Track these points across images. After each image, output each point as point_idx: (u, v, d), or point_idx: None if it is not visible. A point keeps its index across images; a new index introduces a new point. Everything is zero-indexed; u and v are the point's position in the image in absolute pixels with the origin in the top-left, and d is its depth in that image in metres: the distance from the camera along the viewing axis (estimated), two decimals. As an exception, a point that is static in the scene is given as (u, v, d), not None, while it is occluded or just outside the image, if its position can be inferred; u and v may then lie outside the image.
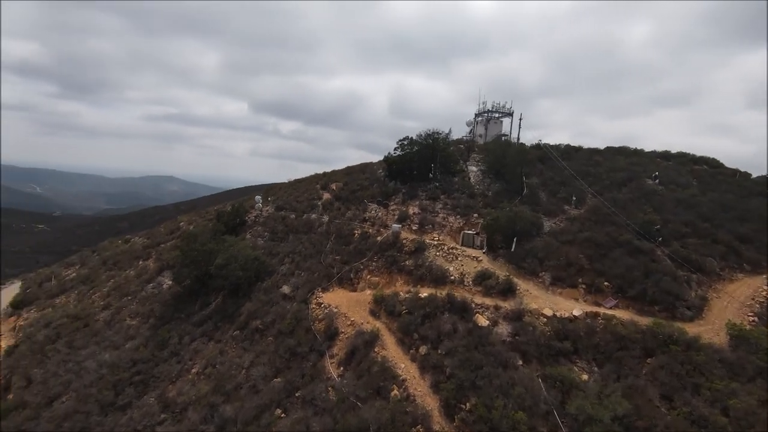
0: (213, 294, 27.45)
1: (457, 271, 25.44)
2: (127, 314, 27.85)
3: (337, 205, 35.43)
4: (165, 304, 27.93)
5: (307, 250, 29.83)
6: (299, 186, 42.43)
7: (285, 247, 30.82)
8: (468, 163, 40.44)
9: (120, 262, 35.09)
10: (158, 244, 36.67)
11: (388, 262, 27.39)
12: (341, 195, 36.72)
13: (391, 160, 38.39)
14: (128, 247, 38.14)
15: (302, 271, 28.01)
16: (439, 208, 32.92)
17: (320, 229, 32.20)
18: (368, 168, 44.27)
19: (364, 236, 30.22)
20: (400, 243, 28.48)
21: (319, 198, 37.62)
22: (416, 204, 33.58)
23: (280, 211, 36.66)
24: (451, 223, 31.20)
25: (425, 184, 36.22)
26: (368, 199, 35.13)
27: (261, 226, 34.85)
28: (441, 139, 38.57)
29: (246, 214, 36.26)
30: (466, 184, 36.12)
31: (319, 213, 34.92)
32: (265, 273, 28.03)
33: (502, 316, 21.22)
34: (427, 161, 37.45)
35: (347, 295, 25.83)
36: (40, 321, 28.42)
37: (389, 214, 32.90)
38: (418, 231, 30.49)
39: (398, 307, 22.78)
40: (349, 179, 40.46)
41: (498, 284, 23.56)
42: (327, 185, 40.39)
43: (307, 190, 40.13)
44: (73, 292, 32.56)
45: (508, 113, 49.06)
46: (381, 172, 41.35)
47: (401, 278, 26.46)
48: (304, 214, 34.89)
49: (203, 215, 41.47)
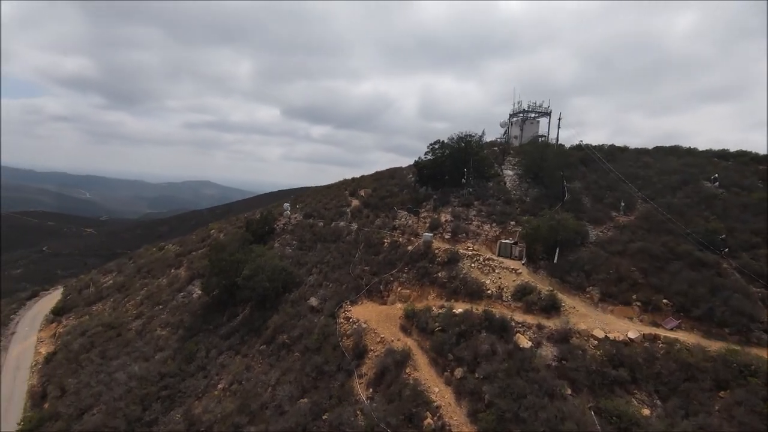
0: (241, 305, 27.01)
1: (495, 285, 23.65)
2: (157, 324, 27.89)
3: (365, 212, 34.37)
4: (194, 314, 27.76)
5: (335, 260, 28.90)
6: (327, 192, 41.77)
7: (313, 256, 30.03)
8: (503, 167, 38.35)
9: (153, 270, 35.55)
10: (190, 251, 36.94)
11: (419, 274, 25.96)
12: (370, 202, 35.64)
13: (422, 164, 36.96)
14: (161, 255, 38.70)
15: (330, 282, 27.07)
16: (473, 216, 31.15)
17: (349, 238, 31.21)
18: (398, 173, 43.03)
19: (394, 246, 28.94)
20: (431, 253, 27.00)
21: (348, 205, 36.71)
22: (448, 211, 31.95)
23: (308, 218, 36.04)
24: (486, 232, 29.37)
25: (458, 190, 34.52)
26: (398, 206, 33.85)
27: (289, 234, 34.32)
28: (474, 142, 36.77)
29: (274, 221, 35.89)
30: (501, 189, 34.12)
31: (348, 221, 33.97)
32: (292, 284, 27.31)
33: (546, 337, 19.32)
34: (459, 165, 35.75)
35: (377, 308, 24.62)
36: (77, 329, 28.99)
37: (420, 222, 31.46)
38: (450, 240, 28.87)
39: (431, 324, 21.33)
40: (378, 185, 39.35)
41: (540, 300, 21.61)
42: (356, 191, 39.47)
43: (336, 196, 39.36)
44: (109, 300, 33.21)
45: (545, 113, 46.42)
46: (411, 178, 39.98)
47: (434, 291, 24.97)
48: (333, 222, 34.05)
49: (233, 222, 41.59)
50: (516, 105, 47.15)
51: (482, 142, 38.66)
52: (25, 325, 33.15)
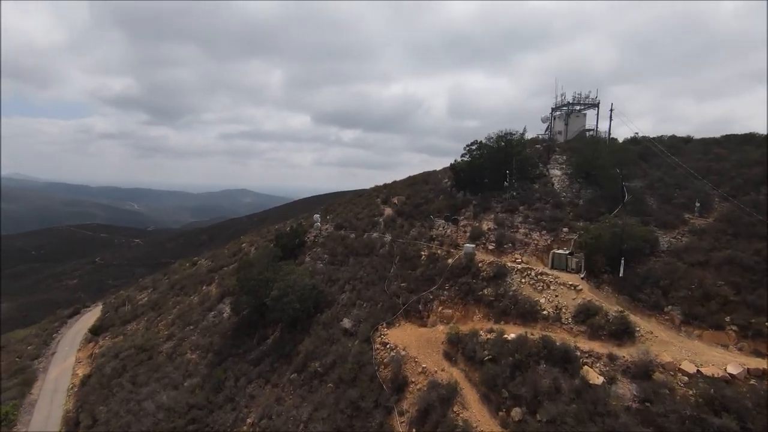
0: (271, 326, 25.48)
1: (551, 304, 20.66)
2: (188, 346, 26.90)
3: (399, 221, 32.07)
4: (224, 335, 26.54)
5: (368, 275, 26.79)
6: (359, 201, 39.84)
7: (345, 272, 28.09)
8: (549, 167, 34.89)
9: (186, 287, 34.98)
10: (221, 267, 36.13)
11: (462, 291, 23.34)
12: (404, 210, 33.31)
13: (459, 167, 34.22)
14: (194, 271, 38.21)
15: (364, 301, 24.98)
16: (518, 223, 28.11)
17: (382, 251, 29.02)
18: (432, 177, 40.47)
19: (432, 259, 26.45)
20: (475, 267, 24.30)
21: (380, 214, 34.57)
22: (491, 218, 29.07)
23: (339, 229, 34.22)
24: (535, 241, 26.28)
25: (500, 194, 31.53)
26: (434, 215, 31.32)
27: (320, 247, 32.62)
28: (515, 140, 33.62)
29: (305, 234, 34.34)
30: (549, 191, 30.78)
31: (381, 231, 31.81)
32: (324, 303, 25.47)
33: (620, 370, 16.23)
34: (500, 167, 32.74)
35: (416, 331, 22.24)
36: (111, 350, 28.60)
37: (460, 232, 28.79)
38: (495, 251, 26.02)
39: (479, 352, 18.71)
40: (411, 191, 36.96)
41: (608, 323, 18.46)
42: (388, 199, 37.27)
43: (368, 205, 37.34)
44: (143, 319, 32.86)
45: (593, 104, 42.26)
46: (447, 182, 37.30)
47: (479, 311, 22.27)
48: (365, 233, 32.00)
49: (264, 235, 40.57)
50: (559, 98, 43.32)
51: (524, 139, 35.39)
52: (65, 344, 33.50)
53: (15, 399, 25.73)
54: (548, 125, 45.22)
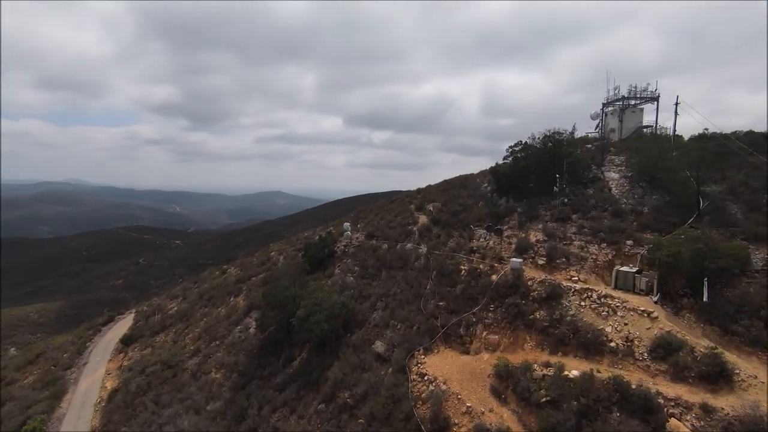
0: (297, 346, 23.66)
1: (619, 334, 17.51)
2: (213, 364, 25.62)
3: (435, 231, 29.48)
4: (249, 353, 25.03)
5: (403, 292, 24.44)
6: (391, 207, 37.55)
7: (377, 287, 25.87)
8: (604, 169, 31.18)
9: (214, 298, 34.02)
10: (249, 277, 34.94)
11: (509, 314, 20.52)
12: (440, 218, 30.68)
13: (500, 170, 31.22)
14: (223, 280, 37.31)
15: (398, 321, 22.63)
16: (572, 234, 24.86)
17: (418, 264, 26.57)
18: (470, 181, 37.56)
19: (474, 274, 23.72)
20: (523, 285, 21.40)
21: (415, 222, 32.10)
22: (539, 228, 25.98)
23: (371, 239, 32.05)
24: (593, 255, 22.99)
25: (548, 200, 28.31)
26: (474, 223, 28.53)
27: (350, 258, 30.59)
28: (565, 140, 30.25)
29: (335, 243, 32.45)
30: (606, 197, 27.24)
31: (416, 242, 29.34)
32: (354, 322, 23.37)
33: (721, 427, 13.02)
34: (548, 170, 29.51)
35: (457, 360, 19.63)
36: (138, 364, 27.88)
37: (504, 243, 25.87)
38: (546, 267, 22.97)
39: (535, 392, 15.92)
40: (448, 197, 34.24)
41: (697, 362, 15.20)
42: (423, 206, 34.75)
43: (401, 212, 34.98)
44: (171, 330, 32.14)
45: (651, 98, 37.88)
46: (486, 187, 34.35)
47: (531, 338, 19.38)
48: (398, 244, 29.64)
49: (293, 243, 39.16)
50: (612, 92, 39.25)
51: (574, 139, 31.90)
52: (97, 354, 33.43)
53: (44, 413, 25.43)
54: (599, 122, 41.18)
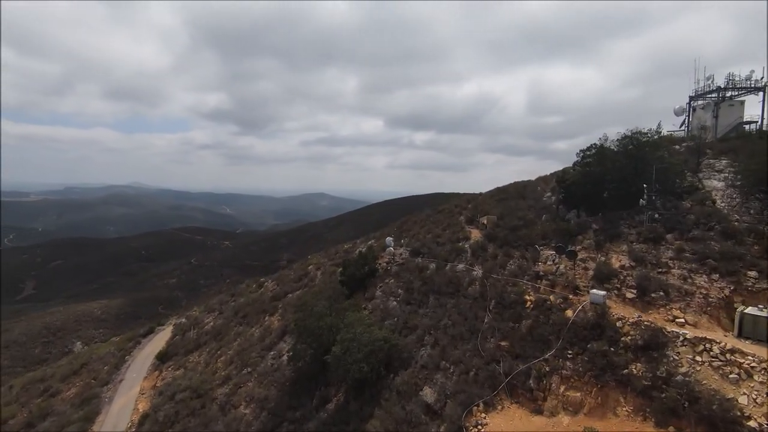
0: (333, 384, 20.74)
1: (761, 409, 12.85)
2: (243, 395, 23.36)
3: (492, 250, 25.50)
4: (281, 387, 22.49)
5: (455, 325, 20.78)
6: (438, 219, 33.85)
7: (425, 316, 22.40)
8: (701, 176, 25.66)
9: (249, 315, 32.13)
10: (285, 294, 32.71)
11: (595, 365, 16.28)
12: (497, 234, 26.63)
13: (569, 179, 26.65)
14: (259, 296, 35.45)
15: (451, 363, 19.03)
16: (669, 259, 19.99)
17: (472, 290, 22.79)
18: (529, 189, 33.04)
19: (543, 307, 19.60)
20: (610, 326, 17.06)
21: (466, 238, 28.26)
22: (623, 250, 21.32)
23: (416, 256, 28.61)
24: (702, 289, 18.07)
25: (631, 215, 23.49)
26: (539, 242, 24.27)
27: (394, 278, 27.32)
28: (651, 141, 25.17)
29: (376, 260, 29.34)
30: (711, 212, 21.95)
31: (468, 261, 25.53)
32: (398, 360, 20.07)
33: None
34: (630, 178, 24.60)
35: (528, 422, 15.73)
36: (169, 388, 26.35)
37: (578, 268, 21.46)
38: (638, 302, 18.39)
39: (644, 488, 11.81)
40: (504, 208, 30.03)
41: None
42: (474, 218, 30.80)
43: (449, 225, 31.22)
44: (205, 349, 30.59)
45: (757, 88, 31.38)
46: (550, 197, 29.80)
47: (626, 401, 15.08)
48: (448, 264, 25.98)
49: (332, 256, 36.59)
50: (702, 82, 33.09)
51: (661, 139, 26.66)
52: (134, 370, 32.70)
53: (75, 437, 24.53)
54: (684, 119, 35.07)
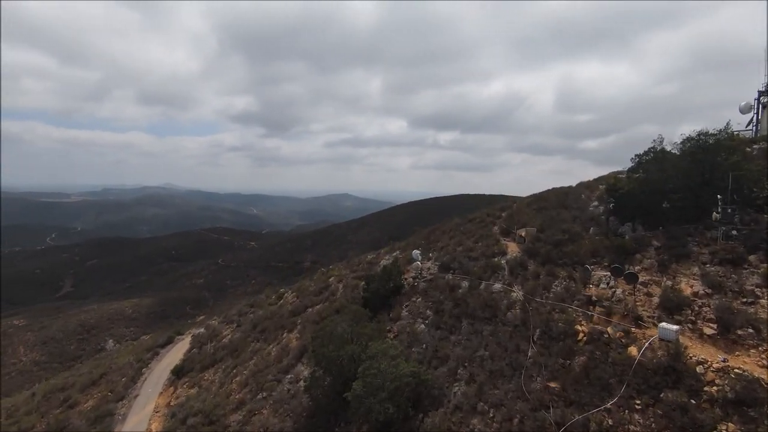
0: (354, 422, 18.46)
1: None
2: (257, 425, 21.45)
3: (532, 267, 22.59)
4: (298, 419, 20.44)
5: (494, 358, 18.10)
6: (469, 229, 31.05)
7: (457, 345, 19.81)
8: (785, 183, 21.89)
9: (267, 331, 30.38)
10: (305, 308, 30.79)
11: (671, 420, 13.28)
12: (537, 249, 23.68)
13: (623, 187, 23.39)
14: (278, 308, 33.72)
15: (490, 405, 16.38)
16: (755, 285, 16.65)
17: (511, 315, 20.03)
18: (571, 197, 29.77)
19: (599, 341, 16.67)
20: (689, 371, 14.01)
21: (502, 252, 25.41)
22: (694, 273, 18.07)
23: (446, 271, 26.03)
24: (805, 328, 14.72)
25: (699, 229, 20.13)
26: (589, 260, 21.22)
27: (421, 296, 24.84)
28: (723, 144, 21.64)
29: (401, 275, 26.93)
30: (804, 229, 18.37)
31: (505, 280, 22.74)
32: (428, 398, 17.60)
33: None
34: (697, 187, 21.20)
35: (589, 491, 12.97)
36: (182, 410, 24.84)
37: (639, 294, 18.36)
38: (719, 340, 15.20)
39: None
40: (544, 218, 27.00)
41: None
42: (510, 229, 27.89)
43: (483, 236, 28.41)
44: (221, 366, 29.05)
45: None
46: (598, 207, 26.56)
47: (717, 473, 12.08)
48: (482, 282, 23.26)
49: (355, 267, 34.44)
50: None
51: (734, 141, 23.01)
52: (150, 384, 31.61)
53: (85, 461, 23.41)
54: (752, 117, 30.93)
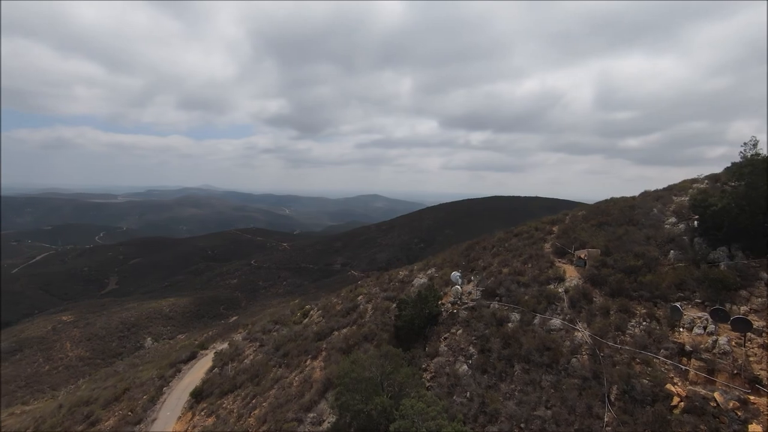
0: (384, 489, 15.46)
1: None
2: (273, 474, 18.88)
3: (599, 300, 18.73)
4: (319, 473, 17.70)
5: (558, 421, 14.55)
6: (516, 247, 27.21)
7: (510, 398, 16.35)
8: None
9: (290, 355, 27.87)
10: (331, 331, 28.06)
11: None
12: (603, 276, 19.75)
13: (715, 203, 19.05)
14: (302, 329, 31.21)
15: (557, 490, 12.93)
16: None
17: (577, 363, 16.35)
18: (640, 210, 25.35)
19: (701, 410, 12.79)
20: None
21: (558, 277, 21.58)
22: (829, 321, 13.76)
23: (490, 298, 22.51)
24: None
25: (827, 261, 15.65)
26: (675, 295, 17.16)
27: (462, 327, 21.44)
28: None
29: (438, 301, 23.62)
30: None
31: (565, 314, 19.00)
32: (475, 468, 14.31)
33: None
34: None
35: None
36: (196, 444, 22.70)
37: (752, 345, 14.25)
38: None
39: None
40: (608, 237, 22.88)
41: None
42: (567, 248, 23.93)
43: (533, 256, 24.60)
44: (240, 393, 26.84)
45: None
46: (676, 223, 22.20)
47: None
48: (536, 315, 19.61)
49: (385, 285, 31.41)
50: None
51: None
52: (168, 407, 29.95)
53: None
54: None
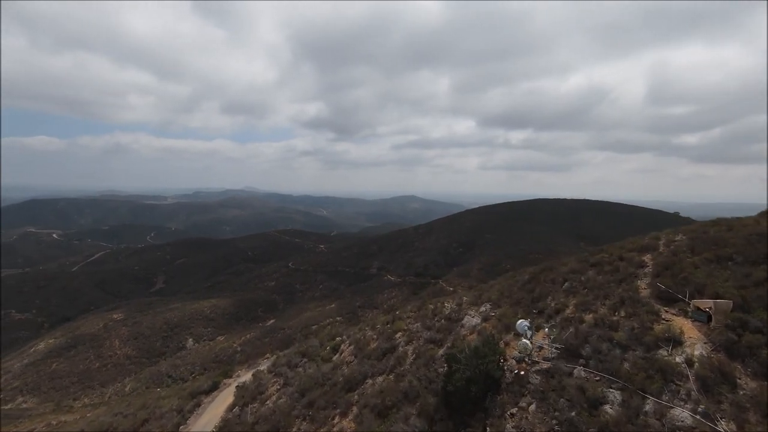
0: None
1: None
2: None
3: (747, 383, 12.83)
4: None
5: None
6: (598, 283, 21.30)
7: None
8: None
9: (315, 405, 23.57)
10: (363, 378, 23.44)
11: None
12: (747, 343, 13.75)
13: None
14: (331, 369, 26.87)
15: None
16: None
17: (733, 495, 10.69)
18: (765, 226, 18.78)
19: None
20: None
21: (673, 337, 15.71)
22: None
23: (572, 360, 16.99)
24: None
25: None
26: None
27: (535, 399, 16.08)
28: None
29: (500, 355, 18.38)
30: None
31: (696, 404, 13.23)
32: None
33: None
34: None
35: None
36: None
37: None
38: None
39: None
40: (739, 279, 16.66)
41: None
42: (674, 290, 17.87)
43: (625, 301, 18.70)
44: (259, 448, 22.91)
45: None
46: None
47: None
48: (646, 398, 13.94)
49: (428, 322, 26.39)
50: None
51: None
52: (183, 451, 26.86)
53: None
54: None
